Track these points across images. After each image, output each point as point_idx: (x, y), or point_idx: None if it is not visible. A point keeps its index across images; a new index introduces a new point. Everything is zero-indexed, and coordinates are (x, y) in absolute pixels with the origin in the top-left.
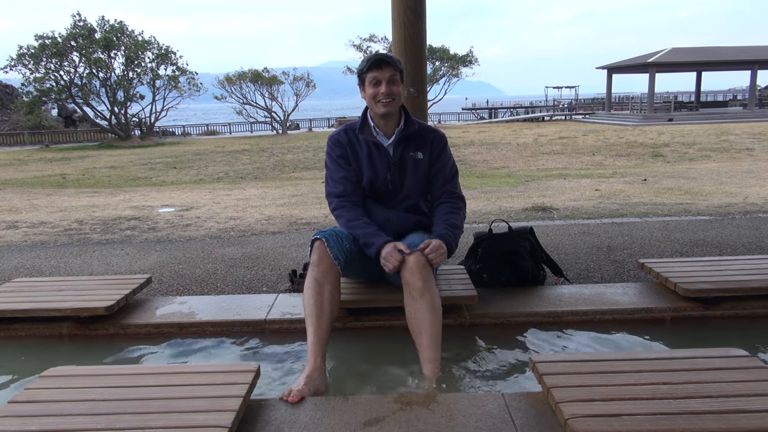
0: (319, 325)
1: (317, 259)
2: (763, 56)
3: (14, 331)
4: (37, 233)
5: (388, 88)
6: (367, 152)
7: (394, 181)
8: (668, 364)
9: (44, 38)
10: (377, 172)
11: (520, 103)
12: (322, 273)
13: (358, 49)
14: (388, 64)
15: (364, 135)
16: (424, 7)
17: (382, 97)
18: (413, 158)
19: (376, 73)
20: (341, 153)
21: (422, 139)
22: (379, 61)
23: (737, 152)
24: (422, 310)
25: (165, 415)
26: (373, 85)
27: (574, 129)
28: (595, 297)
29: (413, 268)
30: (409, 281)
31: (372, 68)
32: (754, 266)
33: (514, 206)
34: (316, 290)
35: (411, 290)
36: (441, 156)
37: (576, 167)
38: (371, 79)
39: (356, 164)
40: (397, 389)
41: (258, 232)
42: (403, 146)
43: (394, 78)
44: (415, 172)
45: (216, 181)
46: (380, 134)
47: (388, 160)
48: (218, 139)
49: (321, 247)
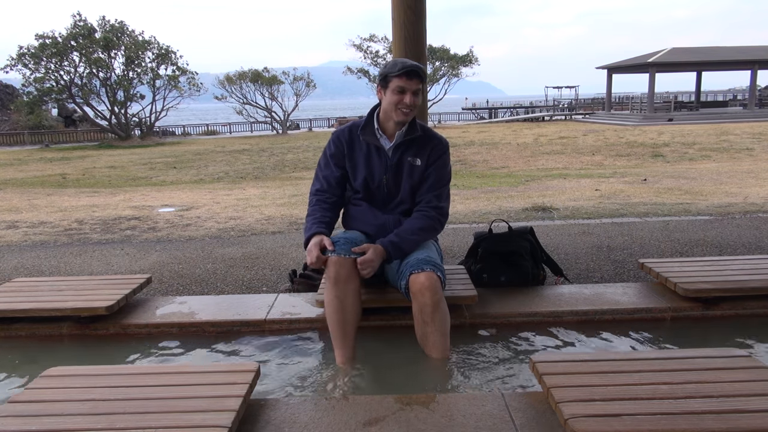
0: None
1: (335, 276)
2: (763, 56)
3: (14, 331)
4: (37, 233)
5: (412, 100)
6: (366, 153)
7: (390, 185)
8: (668, 364)
9: (44, 38)
10: (374, 173)
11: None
12: (342, 289)
13: (358, 49)
14: (418, 76)
15: (365, 136)
16: (424, 7)
17: (403, 107)
18: (410, 164)
19: (404, 83)
20: (335, 151)
21: (423, 145)
22: (412, 72)
23: (737, 152)
24: (434, 335)
25: (165, 415)
26: (398, 93)
27: (574, 129)
28: (595, 297)
29: (423, 290)
30: (420, 300)
31: (402, 76)
32: (754, 266)
33: (514, 206)
34: (338, 308)
35: (421, 309)
36: (436, 162)
37: (576, 167)
38: (397, 87)
39: (351, 163)
40: (397, 389)
41: (258, 232)
42: (402, 150)
43: (419, 90)
44: (411, 177)
45: (216, 181)
46: (383, 137)
47: (386, 163)
48: (218, 139)
49: (336, 259)
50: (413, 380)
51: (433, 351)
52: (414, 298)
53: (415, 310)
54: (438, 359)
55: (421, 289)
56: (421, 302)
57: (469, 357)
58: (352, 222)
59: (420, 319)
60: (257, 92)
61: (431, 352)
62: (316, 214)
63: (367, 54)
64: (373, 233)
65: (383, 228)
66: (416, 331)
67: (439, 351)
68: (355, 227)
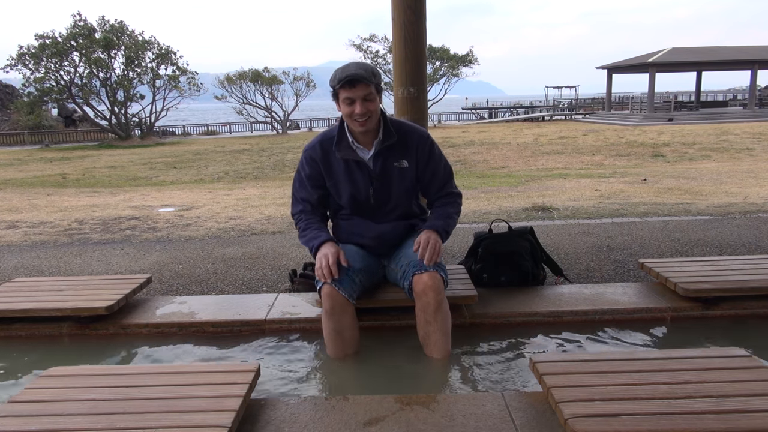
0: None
1: (330, 309)
2: (763, 56)
3: (14, 331)
4: (37, 233)
5: (363, 107)
6: (345, 168)
7: (378, 196)
8: (668, 364)
9: (44, 38)
10: (358, 188)
11: (520, 103)
12: (338, 320)
13: (358, 49)
14: (360, 82)
15: (341, 152)
16: (424, 7)
17: (357, 117)
18: (398, 168)
19: (348, 93)
20: (311, 173)
21: (405, 145)
22: (351, 80)
23: (737, 152)
24: (435, 334)
25: (165, 415)
26: (348, 104)
27: (574, 129)
28: (595, 297)
29: (427, 290)
30: (423, 300)
31: (345, 86)
32: (754, 266)
33: (514, 206)
34: (336, 339)
35: (424, 309)
36: (430, 160)
37: (576, 167)
38: (344, 99)
39: (332, 181)
40: (397, 389)
41: (258, 232)
42: (384, 158)
43: (370, 95)
44: (402, 181)
45: (216, 181)
46: (359, 147)
47: (369, 176)
48: (218, 138)
49: (332, 293)
50: (413, 380)
51: (434, 351)
52: (417, 297)
53: (417, 309)
54: (439, 359)
55: (424, 289)
56: (424, 302)
57: (469, 357)
58: (346, 235)
59: (423, 318)
60: (257, 92)
61: (432, 352)
62: (313, 225)
63: (367, 54)
64: (373, 245)
65: (381, 238)
66: (418, 331)
67: (441, 351)
68: (350, 240)
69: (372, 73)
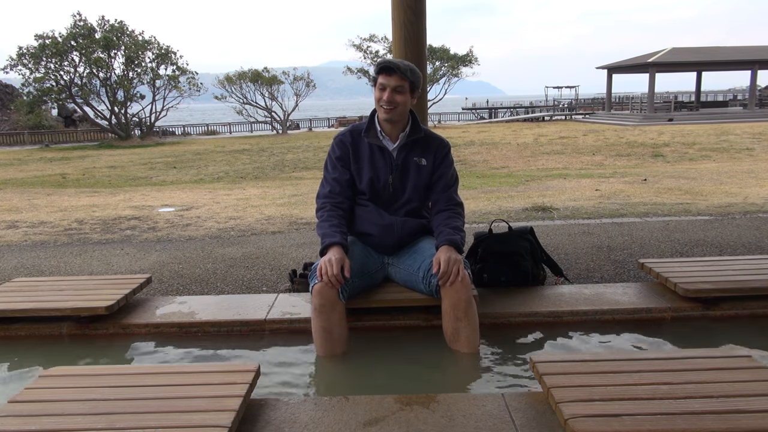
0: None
1: (319, 306)
2: (763, 56)
3: (14, 331)
4: (37, 233)
5: (390, 96)
6: (369, 154)
7: (396, 185)
8: (668, 364)
9: (44, 38)
10: (379, 174)
11: (520, 103)
12: (327, 317)
13: (358, 49)
14: (395, 72)
15: (369, 138)
16: (424, 7)
17: (384, 104)
18: (417, 163)
19: (383, 79)
20: (341, 154)
21: (427, 145)
22: (387, 68)
23: (737, 152)
24: (467, 329)
25: (165, 415)
26: (380, 90)
27: (574, 129)
28: (595, 297)
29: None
30: (454, 298)
31: (381, 72)
32: (754, 266)
33: (514, 206)
34: (325, 338)
35: (455, 305)
36: (444, 162)
37: (576, 167)
38: (378, 84)
39: (357, 165)
40: (397, 389)
41: (258, 232)
42: (407, 151)
43: (401, 87)
44: (418, 177)
45: (216, 181)
46: (386, 138)
47: (391, 164)
48: (218, 138)
49: (323, 290)
50: (413, 380)
51: (465, 346)
52: (447, 295)
53: (446, 307)
54: (467, 353)
55: (455, 286)
56: (456, 299)
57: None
58: (358, 223)
59: (452, 315)
60: (257, 92)
61: (463, 347)
62: (333, 220)
63: (367, 54)
64: (378, 234)
65: (388, 229)
66: (445, 328)
67: (472, 346)
68: (360, 228)
69: (411, 70)
